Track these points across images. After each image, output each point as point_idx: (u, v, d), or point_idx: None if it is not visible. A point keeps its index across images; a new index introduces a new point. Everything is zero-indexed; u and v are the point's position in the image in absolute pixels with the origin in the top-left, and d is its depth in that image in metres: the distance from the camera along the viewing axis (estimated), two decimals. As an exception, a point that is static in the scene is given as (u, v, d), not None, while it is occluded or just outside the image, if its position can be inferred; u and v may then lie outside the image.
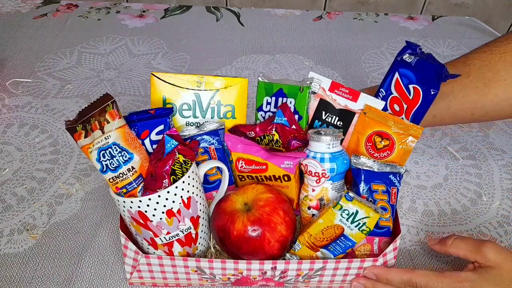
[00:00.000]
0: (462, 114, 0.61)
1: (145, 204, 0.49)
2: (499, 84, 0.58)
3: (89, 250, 0.60)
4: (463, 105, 0.60)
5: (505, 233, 0.65)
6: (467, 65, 0.60)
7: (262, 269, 0.51)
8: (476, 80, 0.59)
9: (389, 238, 0.55)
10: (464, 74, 0.59)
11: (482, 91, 0.59)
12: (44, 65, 0.95)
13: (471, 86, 0.59)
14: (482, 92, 0.59)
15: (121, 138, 0.49)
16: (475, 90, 0.59)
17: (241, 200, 0.53)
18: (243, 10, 1.18)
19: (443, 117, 0.62)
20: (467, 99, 0.60)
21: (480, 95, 0.59)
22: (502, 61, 0.58)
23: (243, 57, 1.00)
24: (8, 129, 0.79)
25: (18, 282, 0.56)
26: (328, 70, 0.97)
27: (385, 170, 0.55)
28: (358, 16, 1.18)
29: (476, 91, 0.59)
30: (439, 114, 0.62)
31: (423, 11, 1.34)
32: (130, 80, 0.92)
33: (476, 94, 0.59)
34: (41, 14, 1.12)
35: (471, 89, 0.59)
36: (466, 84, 0.59)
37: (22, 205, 0.66)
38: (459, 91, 0.60)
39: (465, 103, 0.60)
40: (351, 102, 0.57)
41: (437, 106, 0.61)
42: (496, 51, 0.59)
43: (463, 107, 0.60)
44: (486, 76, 0.58)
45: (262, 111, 0.61)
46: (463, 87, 0.59)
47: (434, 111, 0.61)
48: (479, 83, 0.58)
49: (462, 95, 0.60)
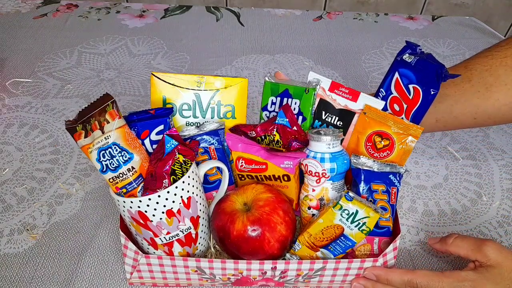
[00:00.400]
0: (465, 119, 0.61)
1: (145, 204, 0.49)
2: (500, 88, 0.58)
3: (89, 250, 0.60)
4: (465, 110, 0.60)
5: (505, 233, 0.65)
6: (468, 70, 0.60)
7: (262, 269, 0.51)
8: (478, 85, 0.59)
9: (389, 238, 0.55)
10: (465, 79, 0.60)
11: (484, 95, 0.59)
12: (44, 65, 0.95)
13: (473, 90, 0.59)
14: (483, 97, 0.59)
15: (121, 138, 0.49)
16: (477, 95, 0.59)
17: (240, 200, 0.53)
18: (243, 10, 1.19)
19: (446, 121, 0.62)
20: (469, 104, 0.60)
21: (481, 100, 0.59)
22: (503, 65, 0.58)
23: (243, 57, 1.00)
24: (8, 129, 0.79)
25: (18, 282, 0.56)
26: (328, 70, 0.97)
27: (385, 170, 0.55)
28: (358, 16, 1.18)
29: (478, 95, 0.59)
30: (442, 118, 0.62)
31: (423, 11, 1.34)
32: (130, 80, 0.92)
33: (478, 99, 0.59)
34: (41, 14, 1.12)
35: (473, 93, 0.59)
36: (468, 89, 0.59)
37: (22, 205, 0.66)
38: (461, 96, 0.60)
39: (467, 108, 0.60)
40: (351, 102, 0.57)
41: (439, 110, 0.61)
42: (497, 56, 0.59)
43: (465, 111, 0.60)
44: (488, 81, 0.58)
45: (267, 111, 0.61)
46: (465, 92, 0.60)
47: (437, 116, 0.62)
48: (480, 87, 0.59)
49: (464, 100, 0.60)
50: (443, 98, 0.60)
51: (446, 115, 0.61)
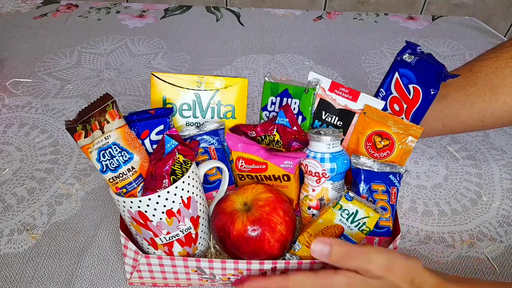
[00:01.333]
0: (472, 122, 0.60)
1: (145, 204, 0.49)
2: (507, 90, 0.57)
3: (89, 250, 0.60)
4: (472, 113, 0.59)
5: (505, 233, 0.65)
6: (473, 73, 0.59)
7: (262, 269, 0.51)
8: (484, 88, 0.58)
9: (389, 238, 0.55)
10: (470, 82, 0.59)
11: (490, 98, 0.58)
12: (44, 65, 0.95)
13: (479, 93, 0.58)
14: (490, 100, 0.58)
15: (121, 138, 0.49)
16: (483, 98, 0.58)
17: (240, 200, 0.53)
18: (243, 10, 1.19)
19: (453, 126, 0.62)
20: (476, 107, 0.59)
21: (488, 103, 0.58)
22: (508, 67, 0.57)
23: (243, 57, 1.00)
24: (8, 129, 0.79)
25: (18, 282, 0.56)
26: (328, 70, 0.97)
27: (385, 170, 0.55)
28: (358, 16, 1.18)
29: (484, 98, 0.58)
30: (449, 123, 0.61)
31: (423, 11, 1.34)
32: (130, 80, 0.92)
33: (484, 102, 0.58)
34: (41, 14, 1.12)
35: (479, 96, 0.58)
36: (474, 92, 0.59)
37: (22, 205, 0.66)
38: (466, 100, 0.59)
39: (473, 111, 0.59)
40: (351, 102, 0.57)
41: (446, 115, 0.61)
42: (502, 57, 0.58)
43: (472, 115, 0.60)
44: (494, 83, 0.57)
45: (267, 111, 0.61)
46: (471, 95, 0.59)
47: (443, 120, 0.61)
48: (486, 90, 0.58)
49: (470, 103, 0.59)
50: (449, 102, 0.60)
51: (453, 120, 0.61)
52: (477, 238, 0.64)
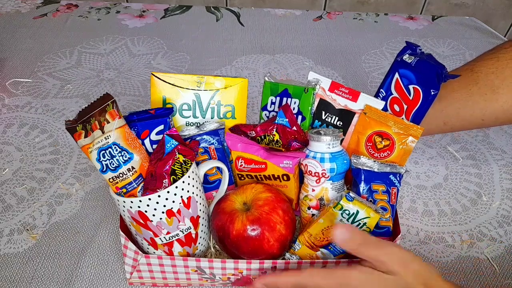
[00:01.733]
0: (473, 121, 0.61)
1: (145, 204, 0.49)
2: (507, 90, 0.58)
3: (89, 250, 0.60)
4: (473, 112, 0.60)
5: (505, 233, 0.65)
6: (474, 72, 0.60)
7: (262, 269, 0.51)
8: (485, 88, 0.59)
9: (389, 238, 0.55)
10: (472, 82, 0.59)
11: (491, 98, 0.59)
12: (44, 65, 0.95)
13: (480, 93, 0.59)
14: (490, 99, 0.59)
15: (121, 138, 0.49)
16: (484, 97, 0.59)
17: (240, 200, 0.53)
18: (243, 10, 1.19)
19: (454, 124, 0.62)
20: (477, 106, 0.60)
21: (489, 102, 0.59)
22: (509, 67, 0.58)
23: (243, 57, 1.00)
24: (8, 129, 0.79)
25: (18, 282, 0.56)
26: (328, 70, 0.97)
27: (385, 170, 0.55)
28: (358, 16, 1.18)
29: (484, 98, 0.59)
30: (450, 121, 0.62)
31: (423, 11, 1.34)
32: (130, 80, 0.92)
33: (485, 101, 0.59)
34: (41, 14, 1.12)
35: (480, 96, 0.59)
36: (475, 92, 0.59)
37: (22, 205, 0.66)
38: (468, 99, 0.60)
39: (475, 110, 0.60)
40: (351, 102, 0.57)
41: (447, 114, 0.61)
42: (502, 58, 0.59)
43: (473, 114, 0.60)
44: (494, 84, 0.58)
45: (267, 111, 0.61)
46: (472, 95, 0.59)
47: (445, 119, 0.62)
48: (487, 90, 0.58)
49: (471, 103, 0.60)
50: (450, 101, 0.60)
51: (454, 118, 0.61)
52: (477, 238, 0.64)
